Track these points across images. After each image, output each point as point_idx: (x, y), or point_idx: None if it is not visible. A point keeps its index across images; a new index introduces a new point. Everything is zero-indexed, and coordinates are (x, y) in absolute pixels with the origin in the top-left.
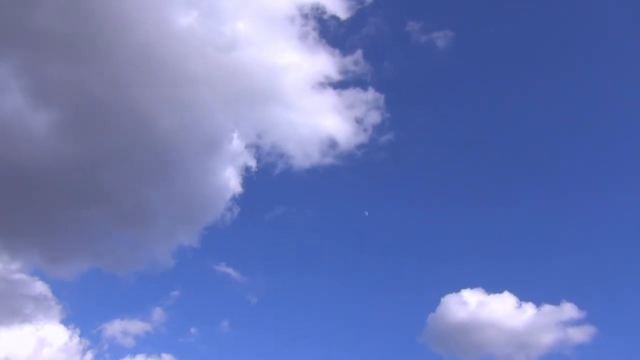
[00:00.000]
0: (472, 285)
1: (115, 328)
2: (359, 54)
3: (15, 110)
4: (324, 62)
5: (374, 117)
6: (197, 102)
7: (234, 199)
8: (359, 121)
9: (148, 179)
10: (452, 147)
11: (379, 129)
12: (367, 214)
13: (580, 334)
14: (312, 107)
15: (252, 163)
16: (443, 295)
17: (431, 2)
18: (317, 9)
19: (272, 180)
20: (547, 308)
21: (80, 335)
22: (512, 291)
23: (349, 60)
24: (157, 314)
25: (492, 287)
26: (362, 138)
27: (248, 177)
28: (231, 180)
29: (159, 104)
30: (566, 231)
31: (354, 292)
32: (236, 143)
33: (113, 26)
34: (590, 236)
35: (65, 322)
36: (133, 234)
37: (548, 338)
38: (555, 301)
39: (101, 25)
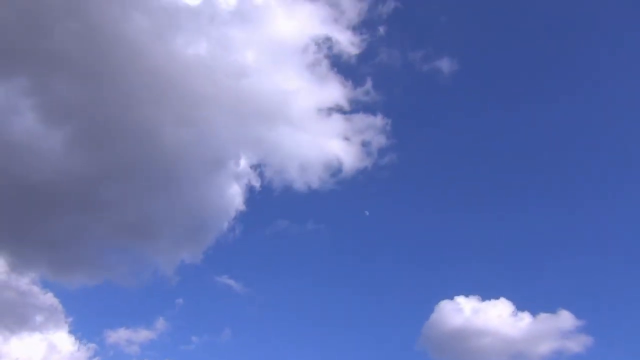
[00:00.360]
0: (468, 292)
1: (121, 336)
2: (368, 83)
3: (26, 127)
4: (334, 91)
5: (379, 141)
6: (206, 121)
7: (237, 215)
8: (364, 145)
9: (155, 195)
10: (450, 157)
11: (383, 151)
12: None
13: (577, 343)
14: (318, 130)
15: (257, 182)
16: (437, 302)
17: (435, 33)
18: (328, 40)
19: (276, 199)
20: (544, 316)
21: (87, 343)
22: (509, 298)
23: (358, 89)
24: (161, 323)
25: (489, 294)
26: (367, 162)
27: (252, 196)
28: (235, 198)
29: (168, 122)
30: (564, 238)
31: (352, 300)
32: (242, 162)
33: (124, 50)
34: (587, 244)
35: (73, 330)
36: (139, 248)
37: (545, 347)
38: (552, 309)
39: (112, 49)
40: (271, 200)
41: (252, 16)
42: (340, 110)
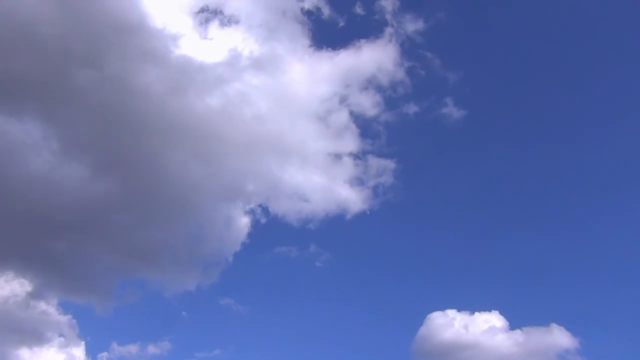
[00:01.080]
0: (460, 305)
1: (130, 350)
2: (382, 133)
3: (44, 161)
4: (348, 139)
5: (387, 182)
6: (218, 157)
7: (243, 247)
8: (373, 187)
9: (164, 227)
10: (447, 178)
11: (388, 190)
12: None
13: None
14: (328, 172)
15: (264, 218)
16: (426, 315)
17: (446, 86)
18: (346, 93)
19: (280, 231)
20: (536, 330)
21: (100, 354)
22: (503, 314)
23: (374, 139)
24: (167, 339)
25: (482, 308)
26: (374, 203)
27: (258, 230)
28: (243, 231)
29: (181, 159)
30: (557, 255)
31: (349, 316)
32: (251, 197)
33: (139, 98)
34: (581, 260)
35: (86, 346)
36: (149, 275)
37: None
38: (544, 323)
39: (128, 96)
40: (276, 232)
41: (272, 68)
42: (351, 154)
